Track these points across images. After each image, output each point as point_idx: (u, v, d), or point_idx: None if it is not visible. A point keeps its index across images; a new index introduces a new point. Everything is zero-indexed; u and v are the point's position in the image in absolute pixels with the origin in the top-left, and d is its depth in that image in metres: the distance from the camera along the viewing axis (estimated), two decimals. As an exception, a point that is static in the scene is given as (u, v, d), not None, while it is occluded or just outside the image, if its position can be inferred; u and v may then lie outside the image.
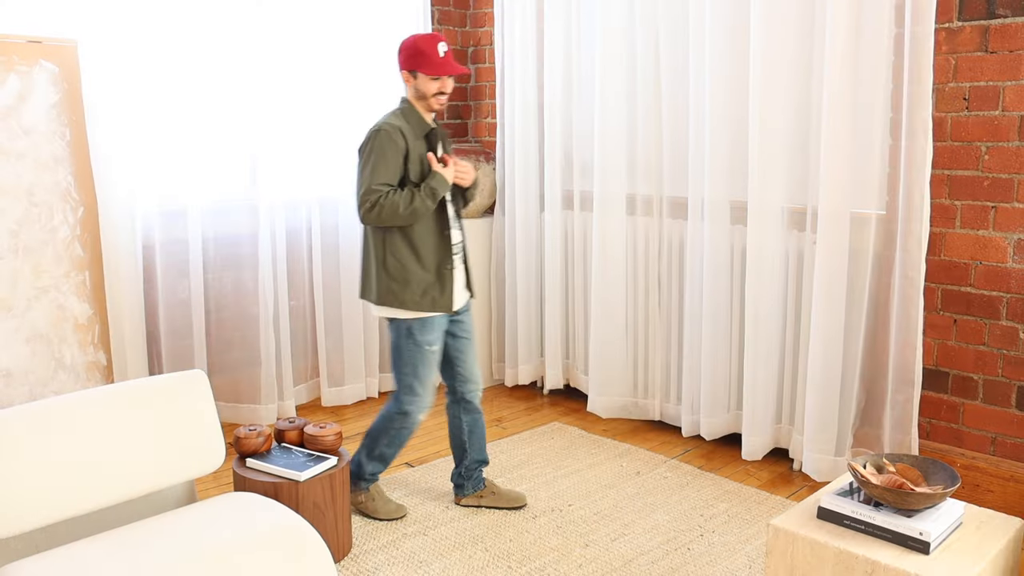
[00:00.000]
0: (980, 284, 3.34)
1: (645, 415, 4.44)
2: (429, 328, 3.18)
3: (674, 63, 4.06)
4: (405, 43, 3.14)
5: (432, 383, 3.26)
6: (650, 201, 4.25)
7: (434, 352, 3.21)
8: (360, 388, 4.81)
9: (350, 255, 4.67)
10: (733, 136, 3.86)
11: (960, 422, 3.46)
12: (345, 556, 3.13)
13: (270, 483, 2.93)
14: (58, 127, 3.43)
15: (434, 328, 3.19)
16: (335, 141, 4.58)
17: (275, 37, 4.28)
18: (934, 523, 2.17)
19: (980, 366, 3.38)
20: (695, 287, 4.06)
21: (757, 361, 3.83)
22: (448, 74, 3.10)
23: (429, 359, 3.21)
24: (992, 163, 3.25)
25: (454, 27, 5.16)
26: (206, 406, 2.53)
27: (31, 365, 3.32)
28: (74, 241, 3.46)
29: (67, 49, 3.46)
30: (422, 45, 3.09)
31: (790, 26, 3.58)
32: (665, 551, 3.16)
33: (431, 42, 3.10)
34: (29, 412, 2.24)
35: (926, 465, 2.35)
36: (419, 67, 3.10)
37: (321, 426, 3.18)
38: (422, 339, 3.17)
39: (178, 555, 2.12)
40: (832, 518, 2.29)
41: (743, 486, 3.69)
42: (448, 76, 3.13)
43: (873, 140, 3.43)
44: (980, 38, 3.22)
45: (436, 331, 3.20)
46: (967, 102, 3.28)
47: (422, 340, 3.17)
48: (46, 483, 2.18)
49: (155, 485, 2.40)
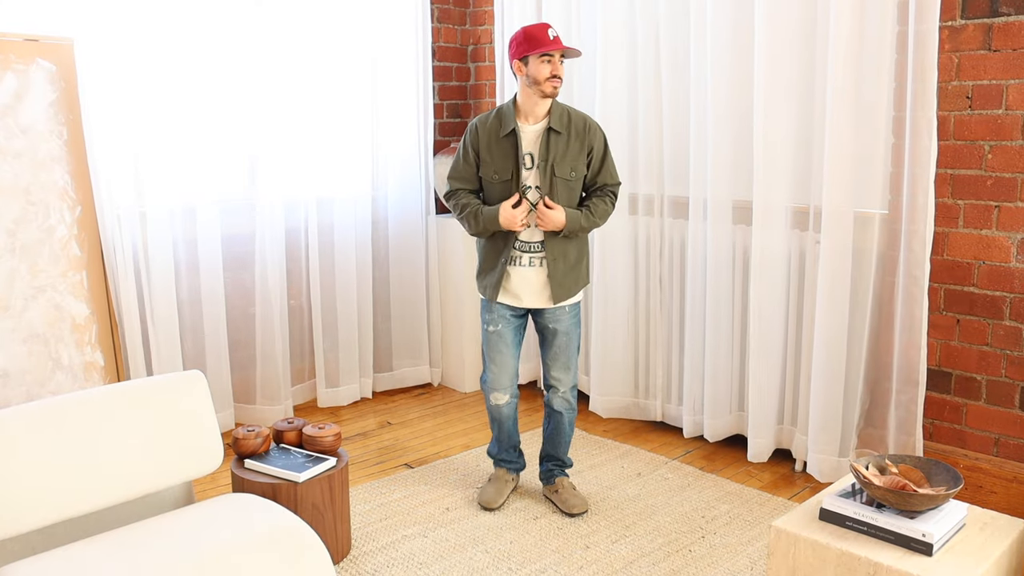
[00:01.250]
0: (983, 284, 3.33)
1: (646, 416, 4.42)
2: (488, 309, 3.36)
3: (675, 60, 4.05)
4: (514, 34, 3.15)
5: (501, 366, 3.37)
6: (651, 200, 4.23)
7: (494, 334, 3.34)
8: (355, 389, 4.79)
9: (346, 255, 4.65)
10: (735, 134, 3.84)
11: (963, 423, 3.44)
12: (344, 558, 3.12)
13: (268, 484, 2.92)
14: (55, 126, 3.41)
15: (493, 311, 3.33)
16: (333, 140, 4.56)
17: (274, 35, 4.26)
18: (937, 525, 2.16)
19: (983, 367, 3.36)
20: (697, 287, 4.04)
21: (760, 362, 3.81)
22: (557, 49, 3.04)
23: (491, 340, 3.36)
24: (995, 162, 3.24)
25: (453, 25, 5.14)
26: (205, 407, 2.52)
27: (28, 365, 3.30)
28: (71, 240, 3.44)
29: (64, 47, 3.44)
30: (530, 30, 3.08)
31: (793, 23, 3.56)
32: (666, 553, 3.15)
33: (540, 27, 3.09)
34: (26, 413, 2.24)
35: (929, 466, 2.34)
36: (529, 50, 3.08)
37: (320, 427, 3.17)
38: (484, 317, 3.37)
39: (176, 557, 2.11)
40: (834, 519, 2.28)
41: (745, 487, 3.67)
42: (558, 52, 3.07)
43: (876, 139, 3.41)
44: (983, 36, 3.20)
45: (496, 315, 3.33)
46: (970, 101, 3.27)
47: (484, 318, 3.37)
48: (43, 484, 2.18)
49: (153, 486, 2.40)
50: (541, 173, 3.16)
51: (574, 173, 3.19)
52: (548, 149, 3.15)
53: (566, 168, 3.17)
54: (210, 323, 4.22)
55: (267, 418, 4.40)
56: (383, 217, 4.88)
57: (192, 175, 4.08)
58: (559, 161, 3.16)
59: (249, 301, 4.38)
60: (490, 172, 3.20)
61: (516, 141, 3.15)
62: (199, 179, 4.11)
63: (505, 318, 3.33)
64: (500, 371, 3.38)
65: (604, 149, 3.26)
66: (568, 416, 3.46)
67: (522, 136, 3.16)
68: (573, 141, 3.18)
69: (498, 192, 3.21)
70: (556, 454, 3.53)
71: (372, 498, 3.60)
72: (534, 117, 3.17)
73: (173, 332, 4.04)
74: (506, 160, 3.18)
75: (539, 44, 3.05)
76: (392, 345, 4.99)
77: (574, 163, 3.19)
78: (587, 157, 3.22)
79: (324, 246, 4.63)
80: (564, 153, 3.16)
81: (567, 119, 3.19)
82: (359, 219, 4.69)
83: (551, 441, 3.52)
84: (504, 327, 3.34)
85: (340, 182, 4.61)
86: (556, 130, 3.15)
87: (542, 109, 3.16)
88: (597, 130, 3.24)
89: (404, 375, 5.04)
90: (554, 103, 3.17)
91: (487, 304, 3.35)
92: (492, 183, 3.21)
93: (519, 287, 3.27)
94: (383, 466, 3.95)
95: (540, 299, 3.29)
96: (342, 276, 4.65)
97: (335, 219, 4.63)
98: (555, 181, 3.17)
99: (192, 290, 4.18)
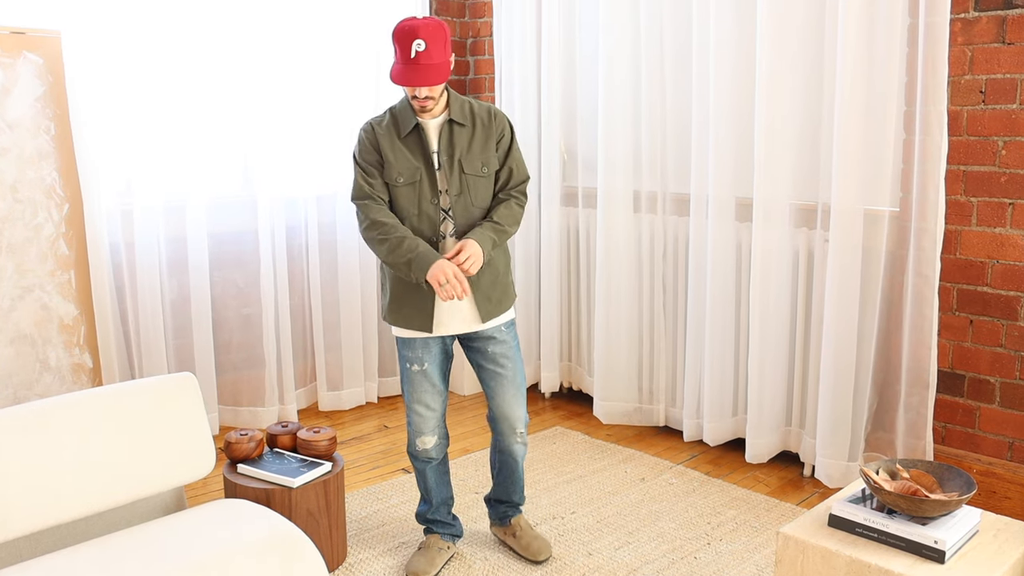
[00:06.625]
0: (997, 284, 3.26)
1: (650, 420, 4.35)
2: (409, 346, 2.87)
3: (678, 54, 3.99)
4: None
5: (431, 409, 2.92)
6: (654, 198, 4.17)
7: (419, 373, 2.88)
8: (359, 392, 4.73)
9: (348, 254, 4.58)
10: (739, 129, 3.78)
11: (976, 426, 3.38)
12: (340, 565, 3.07)
13: (262, 490, 2.87)
14: (43, 121, 3.35)
15: (417, 348, 2.87)
16: (333, 136, 4.50)
17: (270, 29, 4.19)
18: (949, 531, 2.13)
19: (997, 368, 3.29)
20: (699, 287, 3.98)
21: (763, 362, 3.76)
22: (408, 85, 2.65)
23: (415, 382, 2.89)
24: (1010, 158, 3.17)
25: (452, 17, 5.08)
26: (196, 410, 2.51)
27: (15, 367, 3.26)
28: (59, 239, 3.38)
29: (51, 40, 3.38)
30: (396, 42, 2.66)
31: (799, 16, 3.50)
32: (671, 560, 3.09)
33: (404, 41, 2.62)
34: (13, 416, 2.22)
35: (941, 471, 2.32)
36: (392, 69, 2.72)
37: (315, 431, 3.11)
38: (406, 355, 2.89)
39: (166, 565, 2.08)
40: (844, 526, 2.25)
41: (751, 492, 3.61)
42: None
43: (886, 134, 3.35)
44: (997, 29, 3.14)
45: (421, 352, 2.87)
46: (983, 95, 3.20)
47: (406, 357, 2.90)
48: (30, 489, 2.17)
49: (143, 492, 2.38)
50: (447, 172, 2.76)
51: (486, 168, 2.80)
52: (452, 143, 2.76)
53: (476, 163, 2.78)
54: (202, 323, 4.15)
55: (260, 421, 4.34)
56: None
57: (186, 171, 4.03)
58: (466, 156, 2.77)
59: (243, 301, 4.32)
60: (394, 174, 2.74)
61: (420, 138, 2.75)
62: (193, 175, 4.04)
63: (432, 353, 2.87)
64: (429, 413, 2.92)
65: (512, 139, 2.87)
66: (523, 458, 3.06)
67: (428, 131, 2.77)
68: (479, 132, 2.79)
69: (404, 198, 2.76)
70: (511, 499, 3.14)
71: (368, 504, 3.54)
72: (431, 113, 2.75)
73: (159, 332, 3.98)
74: (408, 162, 2.75)
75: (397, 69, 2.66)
76: (395, 347, 4.91)
77: (484, 157, 2.79)
78: (496, 149, 2.84)
79: (325, 244, 4.56)
80: (469, 146, 2.78)
81: (468, 109, 2.81)
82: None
83: (503, 486, 3.12)
84: (431, 365, 2.88)
85: (341, 179, 4.54)
86: (458, 122, 2.76)
87: (439, 105, 2.76)
88: (503, 118, 2.86)
89: None
90: (451, 95, 2.78)
91: (408, 341, 2.86)
92: (397, 186, 2.75)
93: (443, 311, 2.82)
94: (380, 471, 3.89)
95: (468, 321, 2.84)
96: (344, 276, 4.59)
97: (337, 216, 4.57)
98: (465, 179, 2.77)
99: (183, 289, 4.13)
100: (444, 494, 3.09)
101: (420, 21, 2.59)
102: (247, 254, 4.31)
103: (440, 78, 2.62)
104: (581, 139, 4.49)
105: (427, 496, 3.07)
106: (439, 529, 3.11)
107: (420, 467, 3.02)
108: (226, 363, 4.34)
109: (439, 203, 2.76)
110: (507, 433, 2.98)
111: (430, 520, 3.10)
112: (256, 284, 4.31)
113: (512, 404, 2.94)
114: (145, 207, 3.91)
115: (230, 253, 4.30)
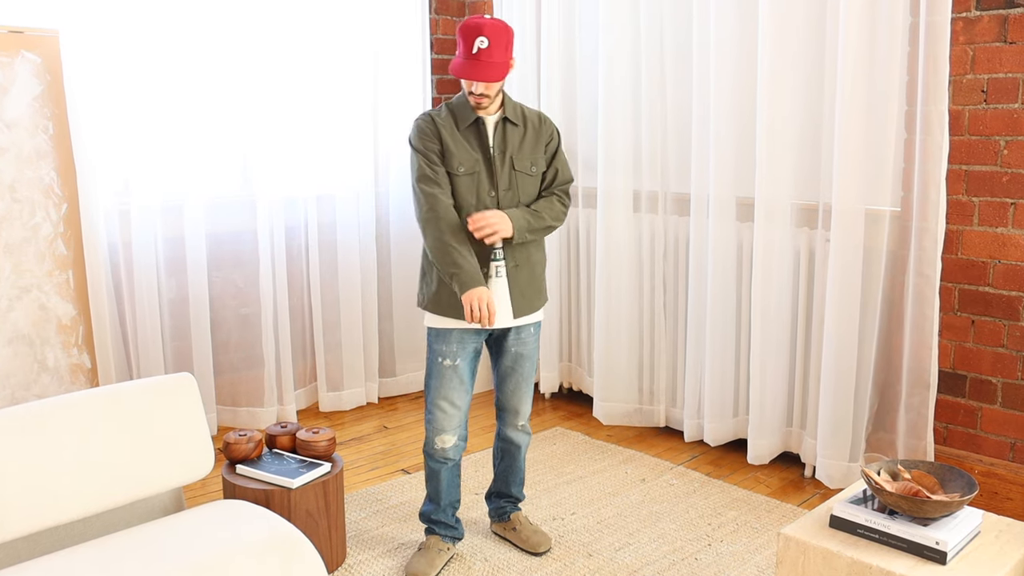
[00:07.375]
0: (999, 284, 3.25)
1: (650, 421, 4.34)
2: (444, 339, 2.90)
3: (678, 52, 3.98)
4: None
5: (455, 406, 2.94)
6: (654, 198, 4.16)
7: (450, 368, 2.90)
8: (359, 393, 4.71)
9: (348, 253, 4.57)
10: (740, 129, 3.77)
11: (978, 427, 3.37)
12: (339, 567, 3.05)
13: (261, 490, 2.86)
14: (41, 120, 3.33)
15: (453, 341, 2.89)
16: (332, 136, 4.48)
17: (269, 28, 4.18)
18: (951, 532, 2.13)
19: (999, 369, 3.28)
20: (700, 287, 3.97)
21: (764, 362, 3.75)
22: (470, 79, 2.73)
23: (445, 376, 2.92)
24: (1011, 158, 3.16)
25: (451, 16, 5.07)
26: (194, 410, 2.50)
27: (12, 367, 3.25)
28: (57, 239, 3.37)
29: (49, 39, 3.36)
30: (460, 36, 2.76)
31: (800, 15, 3.49)
32: (671, 561, 3.08)
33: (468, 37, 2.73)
34: (11, 416, 2.21)
35: (943, 472, 2.32)
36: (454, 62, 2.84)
37: (314, 431, 3.10)
38: (438, 349, 2.92)
39: (165, 565, 2.07)
40: (845, 527, 2.25)
41: (752, 493, 3.59)
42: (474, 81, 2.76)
43: (887, 134, 3.34)
44: (999, 28, 3.13)
45: (456, 346, 2.90)
46: (985, 94, 3.19)
47: (438, 351, 2.92)
48: (28, 490, 2.16)
49: (141, 492, 2.37)
50: (499, 167, 2.86)
51: (534, 168, 2.91)
52: (506, 140, 2.87)
53: (525, 162, 2.88)
54: (201, 323, 4.15)
55: (259, 422, 4.33)
56: (385, 214, 4.80)
57: (184, 171, 4.02)
58: (517, 154, 2.87)
59: (242, 301, 4.31)
60: (455, 163, 2.81)
61: (480, 132, 2.85)
62: (191, 175, 4.04)
63: (466, 350, 2.92)
64: (454, 411, 2.93)
65: (559, 144, 2.99)
66: (526, 446, 3.15)
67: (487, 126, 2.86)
68: (530, 133, 2.91)
69: (464, 187, 2.83)
70: (510, 492, 3.21)
71: (368, 505, 3.53)
72: (486, 111, 2.86)
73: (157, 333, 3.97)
74: (468, 153, 2.83)
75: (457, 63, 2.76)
76: (395, 348, 4.91)
77: (533, 157, 2.90)
78: (544, 151, 2.94)
79: (325, 244, 4.55)
80: (520, 145, 2.88)
81: (521, 111, 2.93)
82: (362, 216, 4.61)
83: (504, 478, 3.18)
84: (462, 361, 2.91)
85: (341, 178, 4.53)
86: (512, 121, 2.87)
87: (495, 103, 2.86)
88: (552, 124, 2.98)
89: (409, 380, 4.97)
90: (506, 96, 2.89)
91: (443, 334, 2.90)
92: (457, 176, 2.82)
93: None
94: (379, 471, 3.88)
95: (503, 316, 2.90)
96: (344, 276, 4.57)
97: (337, 216, 4.55)
98: (515, 175, 2.87)
99: (181, 289, 4.12)
100: (453, 497, 3.08)
101: (487, 20, 2.71)
102: (246, 254, 4.29)
103: (498, 76, 2.73)
104: (581, 138, 4.48)
105: (435, 497, 3.06)
106: (441, 531, 3.10)
107: (435, 467, 3.01)
108: (224, 363, 4.33)
109: (497, 195, 2.86)
110: (510, 421, 3.09)
111: (434, 521, 3.09)
112: (255, 284, 4.30)
113: (521, 400, 3.05)
114: (143, 207, 3.90)
115: (229, 253, 4.28)
